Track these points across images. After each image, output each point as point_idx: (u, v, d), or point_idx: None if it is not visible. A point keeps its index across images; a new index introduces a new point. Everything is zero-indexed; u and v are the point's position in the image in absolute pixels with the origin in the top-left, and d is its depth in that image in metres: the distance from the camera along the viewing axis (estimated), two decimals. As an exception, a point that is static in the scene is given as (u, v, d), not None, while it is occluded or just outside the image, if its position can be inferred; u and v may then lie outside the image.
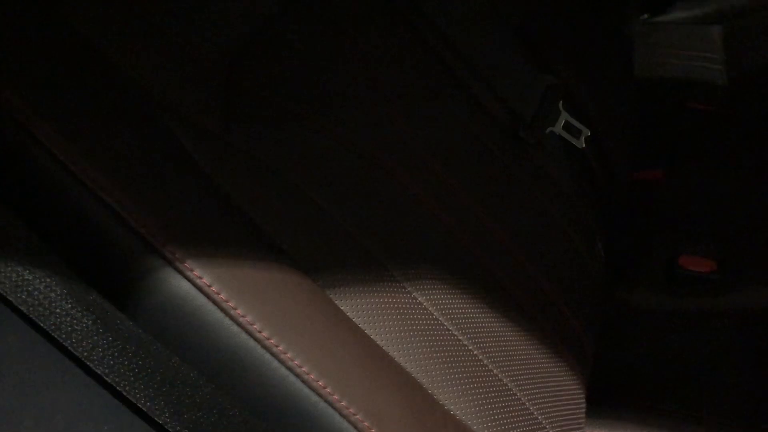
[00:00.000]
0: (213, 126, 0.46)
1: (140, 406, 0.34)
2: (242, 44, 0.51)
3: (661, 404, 0.72)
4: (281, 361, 0.38)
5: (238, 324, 0.38)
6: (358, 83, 0.58)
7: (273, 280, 0.40)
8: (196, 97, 0.46)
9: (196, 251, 0.37)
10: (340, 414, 0.39)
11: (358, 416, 0.39)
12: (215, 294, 0.37)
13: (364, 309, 0.47)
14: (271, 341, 0.38)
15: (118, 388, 0.34)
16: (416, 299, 0.51)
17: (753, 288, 0.80)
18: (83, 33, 0.41)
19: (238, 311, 0.38)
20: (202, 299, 0.37)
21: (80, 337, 0.33)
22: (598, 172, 0.84)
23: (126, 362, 0.35)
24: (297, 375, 0.38)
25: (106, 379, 0.33)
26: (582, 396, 0.66)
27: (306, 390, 0.38)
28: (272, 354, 0.38)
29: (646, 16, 1.39)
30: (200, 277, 0.37)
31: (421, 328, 0.49)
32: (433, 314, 0.51)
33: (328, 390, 0.38)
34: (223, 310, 0.37)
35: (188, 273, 0.37)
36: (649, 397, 0.73)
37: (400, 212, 0.55)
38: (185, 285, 0.37)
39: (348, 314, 0.45)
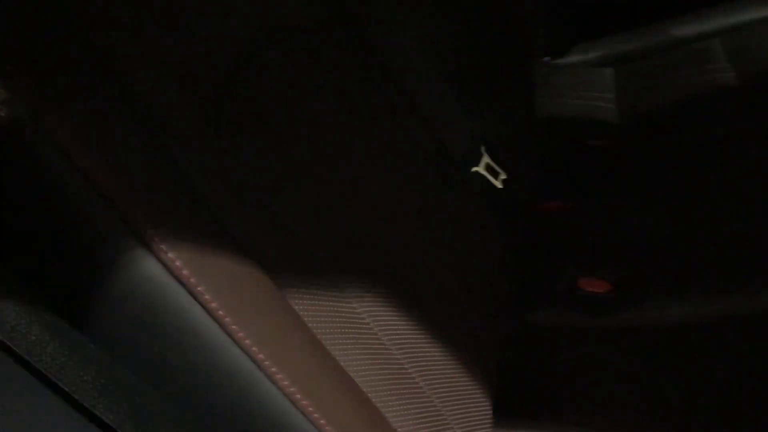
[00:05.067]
0: (198, 132, 0.49)
1: (104, 419, 0.38)
2: (230, 67, 0.55)
3: (561, 413, 0.79)
4: (242, 348, 0.42)
5: (209, 312, 0.41)
6: (318, 113, 0.64)
7: (242, 273, 0.44)
8: (187, 104, 0.49)
9: (172, 237, 0.40)
10: (301, 412, 0.43)
11: (316, 415, 0.43)
12: (187, 278, 0.40)
13: (311, 312, 0.51)
14: (240, 334, 0.41)
15: (84, 404, 0.38)
16: (355, 309, 0.56)
17: (643, 307, 0.89)
18: (94, 36, 0.43)
19: (207, 296, 0.41)
20: (175, 284, 0.40)
21: (50, 359, 0.37)
22: (509, 209, 0.92)
23: (90, 381, 0.39)
24: (255, 361, 0.42)
25: (74, 396, 0.37)
26: (488, 405, 0.73)
27: (262, 377, 0.42)
28: (244, 350, 0.41)
29: (547, 58, 1.51)
30: (174, 261, 0.40)
31: (358, 335, 0.55)
32: (368, 324, 0.57)
33: (286, 383, 0.43)
34: (193, 294, 0.40)
35: (162, 255, 0.40)
36: (550, 407, 0.80)
37: (349, 230, 0.60)
38: (158, 267, 0.40)
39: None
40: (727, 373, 0.78)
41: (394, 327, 0.59)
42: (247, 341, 0.42)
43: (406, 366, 0.59)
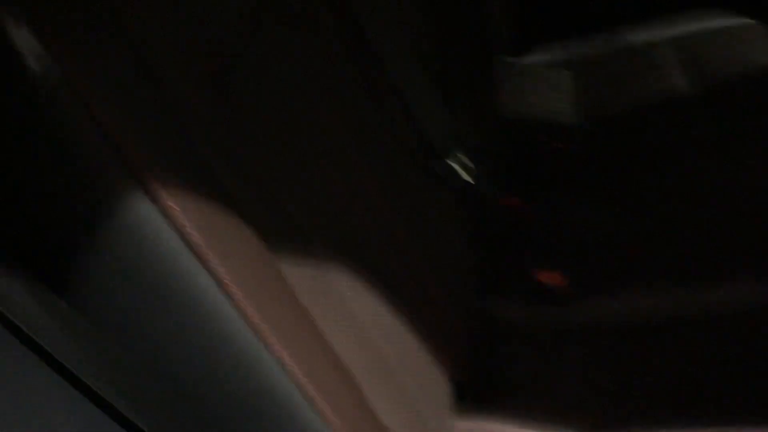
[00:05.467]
0: (204, 103, 0.50)
1: (91, 385, 0.39)
2: (232, 47, 0.56)
3: (516, 402, 0.83)
4: (237, 308, 0.42)
5: (210, 272, 0.41)
6: (311, 98, 0.66)
7: (241, 235, 0.45)
8: (194, 77, 0.49)
9: (172, 184, 0.40)
10: (283, 368, 0.43)
11: (293, 365, 0.44)
12: (183, 227, 0.40)
13: (296, 281, 0.52)
14: (231, 287, 0.41)
15: (74, 371, 0.39)
16: (337, 283, 0.58)
17: (598, 300, 0.93)
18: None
19: (206, 251, 0.41)
20: (170, 232, 0.40)
21: (40, 327, 0.39)
22: (476, 203, 0.96)
23: (77, 349, 0.40)
24: (244, 317, 0.42)
25: (65, 364, 0.39)
26: (451, 391, 0.76)
27: (250, 336, 0.42)
28: (235, 304, 0.42)
29: (510, 59, 1.54)
30: (173, 208, 0.39)
31: (339, 309, 0.57)
32: (348, 301, 0.59)
33: (277, 347, 0.43)
34: (191, 247, 0.40)
35: (162, 201, 0.39)
36: (505, 395, 0.84)
37: (332, 208, 0.63)
38: (156, 212, 0.40)
39: None
40: (679, 367, 0.82)
41: (372, 307, 0.62)
42: (239, 295, 0.42)
43: (382, 346, 0.61)
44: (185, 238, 0.41)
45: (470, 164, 0.92)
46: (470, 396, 0.81)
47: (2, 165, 0.40)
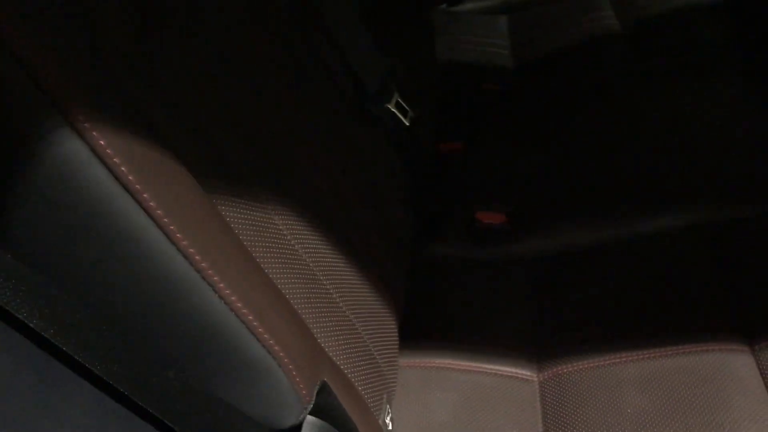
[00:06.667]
0: (127, 34, 0.48)
1: (29, 323, 0.39)
2: None
3: (457, 338, 0.85)
4: (170, 238, 0.41)
5: (144, 209, 0.40)
6: (242, 36, 0.65)
7: (173, 170, 0.44)
8: (118, 7, 0.48)
9: (101, 122, 0.38)
10: (219, 295, 0.43)
11: (235, 301, 0.44)
12: (117, 165, 0.39)
13: (234, 220, 0.52)
14: (165, 220, 0.41)
15: (7, 307, 0.38)
16: (276, 224, 0.58)
17: (534, 235, 0.96)
18: None
19: (138, 187, 0.40)
20: (101, 168, 0.39)
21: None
22: (413, 147, 0.97)
23: (13, 289, 0.40)
24: (186, 257, 0.41)
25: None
26: (395, 327, 0.78)
27: (192, 271, 0.42)
28: (167, 236, 0.41)
29: (445, 5, 1.55)
30: (102, 144, 0.38)
31: (279, 249, 0.57)
32: (289, 239, 0.59)
33: (222, 287, 0.43)
34: (121, 182, 0.39)
35: (90, 138, 0.38)
36: (447, 332, 0.86)
37: (267, 148, 0.62)
38: (85, 149, 0.38)
39: None
40: (609, 293, 0.85)
41: (313, 245, 0.62)
42: (178, 234, 0.41)
43: (324, 282, 0.62)
44: (117, 175, 0.40)
45: (408, 108, 0.93)
46: (413, 333, 0.83)
47: None
